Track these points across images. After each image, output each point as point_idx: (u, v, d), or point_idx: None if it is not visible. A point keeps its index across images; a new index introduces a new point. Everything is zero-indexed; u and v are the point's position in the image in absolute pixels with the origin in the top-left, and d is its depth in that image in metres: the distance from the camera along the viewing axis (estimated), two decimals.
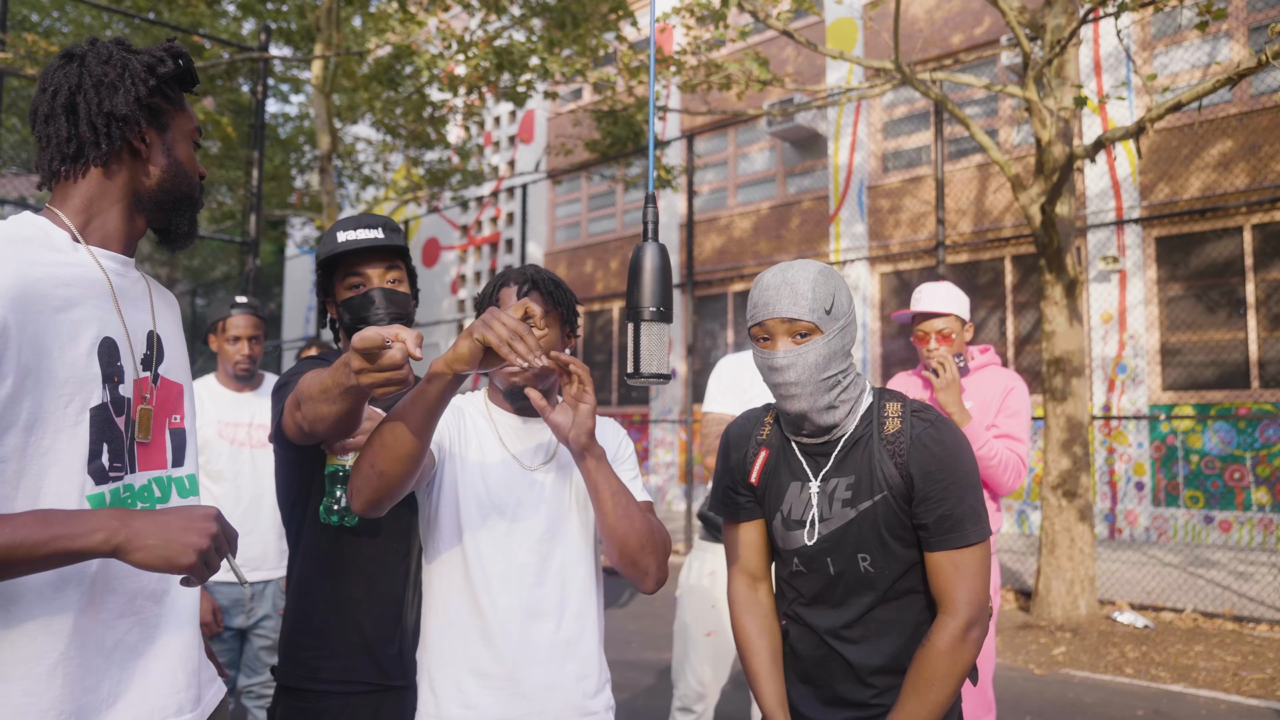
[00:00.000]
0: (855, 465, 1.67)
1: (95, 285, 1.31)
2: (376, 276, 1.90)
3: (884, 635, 1.66)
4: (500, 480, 1.77)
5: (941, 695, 1.57)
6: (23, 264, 1.20)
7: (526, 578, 1.74)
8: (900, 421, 1.67)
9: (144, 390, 1.37)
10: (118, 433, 1.31)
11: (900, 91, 11.64)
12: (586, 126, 12.73)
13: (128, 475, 1.33)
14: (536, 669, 1.72)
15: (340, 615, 1.82)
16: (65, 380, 1.23)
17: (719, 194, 14.34)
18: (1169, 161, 9.81)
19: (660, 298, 1.50)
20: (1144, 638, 5.97)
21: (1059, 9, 6.33)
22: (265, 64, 7.50)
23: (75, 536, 1.14)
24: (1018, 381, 3.04)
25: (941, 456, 1.61)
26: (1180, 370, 9.69)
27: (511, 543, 1.74)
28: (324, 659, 1.81)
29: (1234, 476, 9.07)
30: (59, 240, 1.30)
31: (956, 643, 1.57)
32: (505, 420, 1.83)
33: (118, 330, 1.33)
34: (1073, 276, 6.43)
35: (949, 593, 1.60)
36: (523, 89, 10.29)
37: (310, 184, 16.14)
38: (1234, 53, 9.64)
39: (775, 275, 1.65)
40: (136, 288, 1.42)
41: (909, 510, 1.63)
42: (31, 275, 1.20)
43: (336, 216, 10.51)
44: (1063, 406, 6.45)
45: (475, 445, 1.79)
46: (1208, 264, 9.56)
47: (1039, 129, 6.33)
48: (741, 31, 8.46)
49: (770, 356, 1.64)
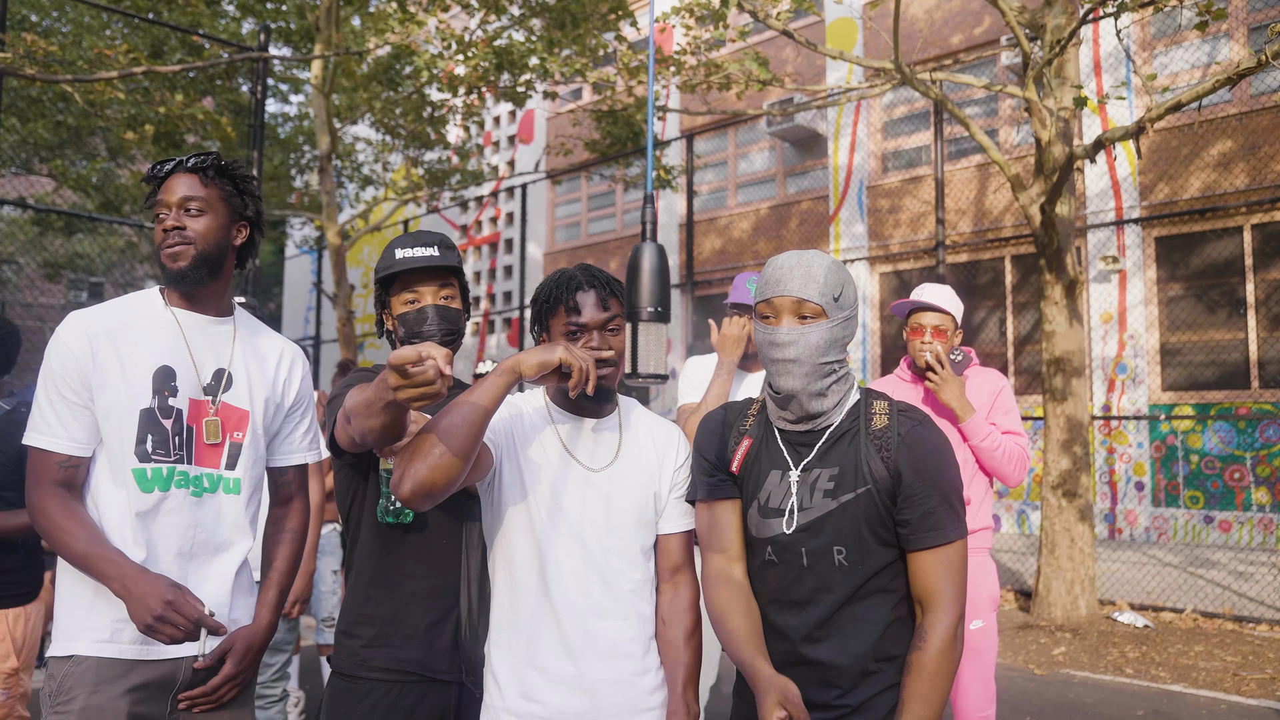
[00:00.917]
0: (840, 458, 1.68)
1: (165, 326, 1.89)
2: (430, 294, 2.01)
3: (850, 635, 1.65)
4: (562, 481, 1.80)
5: (944, 693, 1.58)
6: (116, 313, 1.87)
7: (590, 577, 1.78)
8: (887, 419, 1.69)
9: (204, 410, 1.89)
10: (162, 430, 1.83)
11: (900, 91, 11.64)
12: (586, 126, 12.72)
13: (182, 464, 1.85)
14: (599, 665, 1.76)
15: (392, 608, 1.92)
16: (129, 387, 1.81)
17: (718, 194, 14.34)
18: (1169, 161, 9.81)
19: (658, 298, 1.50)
20: (1144, 638, 5.96)
21: (1059, 9, 6.33)
22: (264, 64, 7.49)
23: (104, 575, 1.75)
24: (1003, 379, 3.14)
25: (929, 455, 1.64)
26: (1180, 370, 9.68)
27: (575, 541, 1.78)
28: (374, 649, 1.91)
29: (1234, 476, 9.07)
30: (156, 300, 1.93)
31: (951, 639, 1.60)
32: (566, 421, 1.86)
33: (180, 360, 1.88)
34: (1073, 276, 6.42)
35: (937, 589, 1.62)
36: (522, 89, 10.29)
37: (310, 184, 16.13)
38: (1234, 53, 9.63)
39: (790, 257, 1.69)
40: (218, 336, 1.95)
41: (891, 507, 1.65)
42: (117, 318, 1.86)
43: (336, 217, 10.50)
44: (1063, 406, 6.45)
45: (536, 445, 1.83)
46: (1208, 264, 9.56)
47: (1039, 129, 6.32)
48: (741, 31, 8.46)
49: (773, 332, 1.67)
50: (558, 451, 1.83)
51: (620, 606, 1.80)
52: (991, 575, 2.92)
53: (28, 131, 12.78)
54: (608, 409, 1.90)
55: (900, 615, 1.68)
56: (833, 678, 1.64)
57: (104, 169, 14.44)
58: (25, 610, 2.85)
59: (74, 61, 8.40)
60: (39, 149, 13.81)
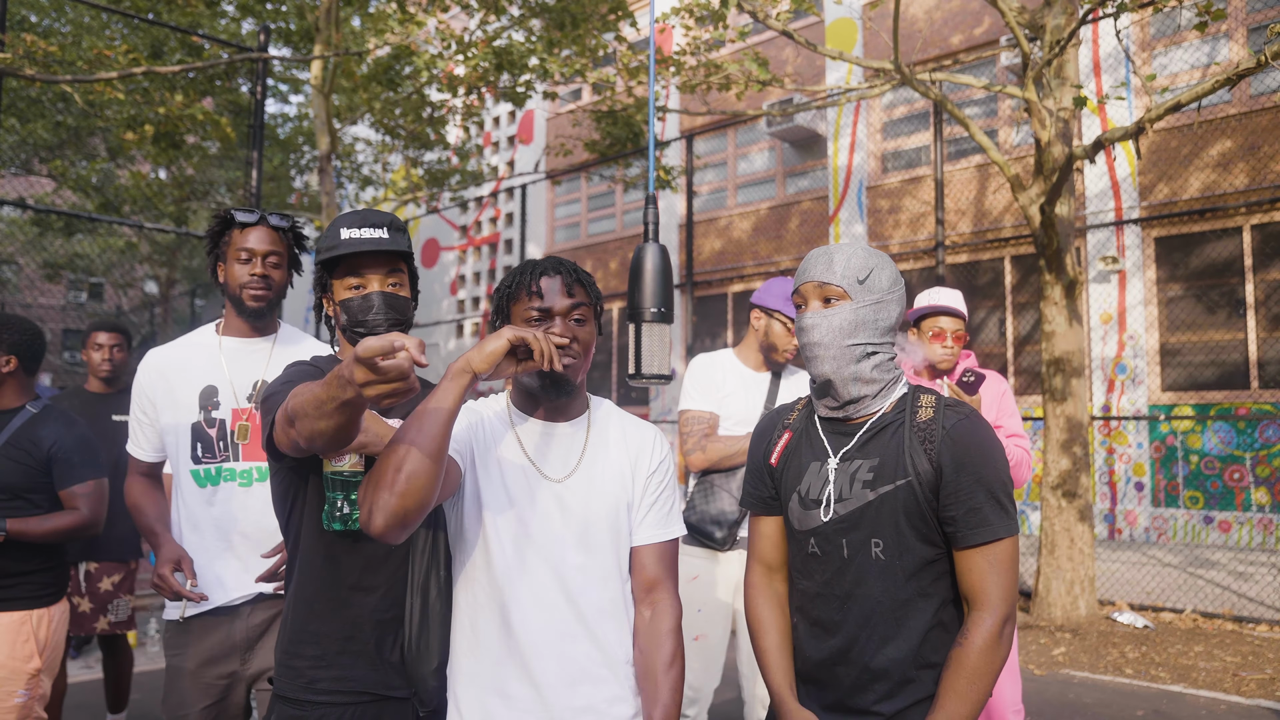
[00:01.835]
0: (882, 449, 1.65)
1: (210, 353, 2.40)
2: (377, 280, 1.84)
3: (891, 639, 1.62)
4: (522, 492, 1.68)
5: (981, 693, 1.54)
6: (176, 349, 2.43)
7: (555, 596, 1.65)
8: (934, 411, 1.66)
9: (243, 416, 2.34)
10: (208, 437, 2.34)
11: (900, 92, 11.65)
12: (586, 127, 12.72)
13: (229, 462, 2.33)
14: (568, 691, 1.64)
15: (338, 623, 1.77)
16: (179, 407, 2.35)
17: (718, 194, 14.34)
18: (1168, 162, 9.81)
19: (661, 299, 1.50)
20: (1144, 638, 5.97)
21: (1058, 9, 6.33)
22: (264, 64, 7.48)
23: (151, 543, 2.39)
24: (1004, 382, 3.24)
25: (974, 449, 1.60)
26: (1180, 370, 9.69)
27: (539, 559, 1.66)
28: (321, 668, 1.75)
29: (1233, 477, 9.08)
30: (209, 331, 2.46)
31: (994, 639, 1.55)
32: (529, 427, 1.74)
33: (220, 379, 2.36)
34: (1072, 277, 6.43)
35: (983, 588, 1.57)
36: (522, 89, 10.28)
37: (309, 184, 16.13)
38: (1233, 53, 9.64)
39: (820, 249, 1.73)
40: (255, 354, 2.41)
41: (933, 502, 1.61)
42: (176, 354, 2.42)
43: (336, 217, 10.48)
44: (1062, 407, 6.45)
45: (495, 453, 1.71)
46: (1207, 264, 9.57)
47: (1038, 129, 6.33)
48: (741, 32, 8.46)
49: (799, 319, 1.71)
50: (518, 459, 1.70)
51: (591, 626, 1.67)
52: None
53: (27, 132, 12.78)
54: (575, 408, 1.76)
55: (942, 620, 1.63)
56: (871, 681, 1.62)
57: (104, 169, 14.43)
58: (50, 611, 2.80)
59: (73, 62, 8.39)
60: (38, 149, 13.81)
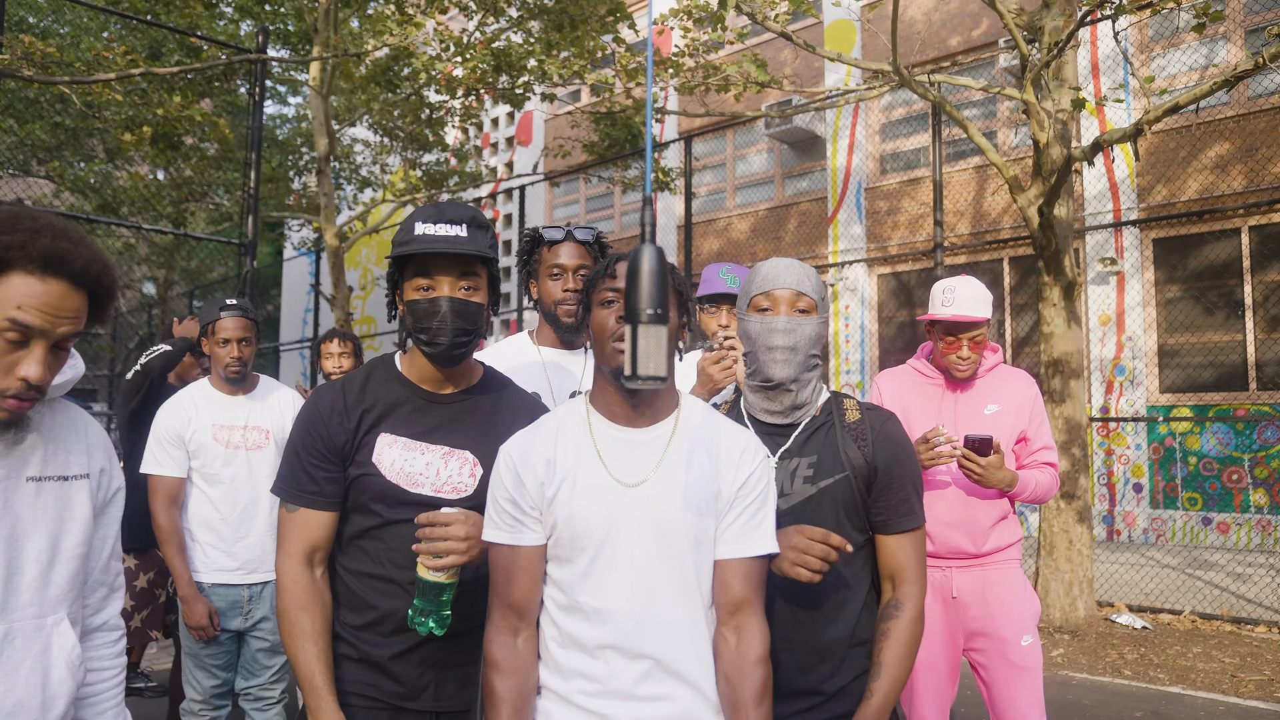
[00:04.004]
0: (818, 447, 1.80)
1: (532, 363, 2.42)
2: (448, 283, 1.69)
3: (834, 620, 1.76)
4: (595, 504, 1.55)
5: (913, 659, 1.73)
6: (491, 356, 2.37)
7: (623, 612, 1.51)
8: (860, 413, 1.84)
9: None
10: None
11: (898, 94, 11.65)
12: (584, 128, 12.72)
13: None
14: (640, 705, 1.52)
15: (359, 629, 1.75)
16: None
17: (717, 196, 14.34)
18: (1167, 164, 9.82)
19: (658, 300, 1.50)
20: (1142, 639, 5.96)
21: (1056, 11, 6.34)
22: (263, 66, 7.48)
23: None
24: (1034, 385, 2.96)
25: (903, 448, 1.80)
26: (1178, 372, 9.69)
27: (607, 574, 1.53)
28: (343, 669, 1.73)
29: (1232, 478, 9.08)
30: (525, 340, 2.55)
31: (921, 611, 1.75)
32: (607, 432, 1.60)
33: (542, 387, 2.28)
34: (1071, 278, 6.43)
35: (909, 566, 1.76)
36: (520, 91, 10.28)
37: (308, 186, 16.12)
38: (1231, 55, 9.65)
39: (778, 259, 1.85)
40: (573, 365, 2.42)
41: (865, 494, 1.77)
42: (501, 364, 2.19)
43: (334, 219, 10.48)
44: (1061, 408, 6.45)
45: (568, 461, 1.58)
46: (1205, 266, 9.58)
47: (1037, 131, 6.33)
48: (739, 33, 8.46)
49: (773, 322, 1.78)
50: (591, 463, 1.57)
51: (662, 644, 1.52)
52: (1030, 589, 2.84)
53: (25, 133, 12.77)
54: (660, 409, 1.61)
55: (868, 602, 1.80)
56: (816, 662, 1.76)
57: (102, 170, 14.42)
58: None
59: (72, 63, 8.38)
60: (37, 150, 13.79)
